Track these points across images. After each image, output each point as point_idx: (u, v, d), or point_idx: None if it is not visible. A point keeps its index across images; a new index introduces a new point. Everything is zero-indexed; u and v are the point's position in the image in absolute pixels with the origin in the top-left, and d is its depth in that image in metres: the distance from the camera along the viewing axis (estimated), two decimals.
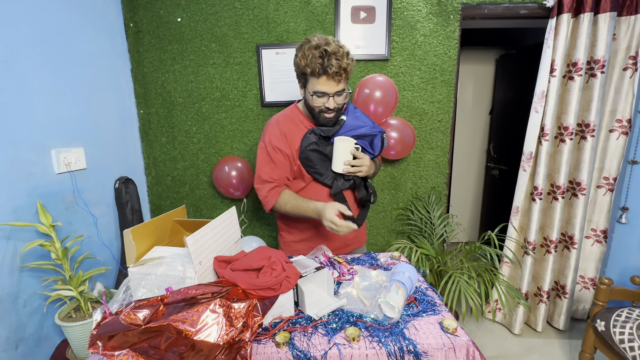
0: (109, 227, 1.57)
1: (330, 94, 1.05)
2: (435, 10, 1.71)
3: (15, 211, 1.09)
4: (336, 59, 1.00)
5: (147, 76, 1.77)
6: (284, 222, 1.33)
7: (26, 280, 1.13)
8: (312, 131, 1.14)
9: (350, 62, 1.05)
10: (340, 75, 1.03)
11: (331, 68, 1.00)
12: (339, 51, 1.02)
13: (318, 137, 1.14)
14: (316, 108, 1.10)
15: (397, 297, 0.79)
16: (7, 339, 1.07)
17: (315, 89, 1.05)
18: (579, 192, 1.78)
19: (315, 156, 1.14)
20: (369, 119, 1.21)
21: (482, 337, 1.94)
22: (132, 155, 1.78)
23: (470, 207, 3.40)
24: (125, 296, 0.81)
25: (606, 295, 1.50)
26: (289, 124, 1.17)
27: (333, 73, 1.01)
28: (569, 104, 1.70)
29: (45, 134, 1.21)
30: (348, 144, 1.11)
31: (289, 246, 1.31)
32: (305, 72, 1.06)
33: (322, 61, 1.00)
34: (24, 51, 1.14)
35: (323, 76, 1.02)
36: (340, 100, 1.10)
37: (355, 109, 1.22)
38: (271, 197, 1.17)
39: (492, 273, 1.54)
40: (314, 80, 1.05)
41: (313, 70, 1.02)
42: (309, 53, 1.02)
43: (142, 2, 1.69)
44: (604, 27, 1.60)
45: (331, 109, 1.09)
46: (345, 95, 1.10)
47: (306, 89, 1.10)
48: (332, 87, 1.04)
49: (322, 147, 1.14)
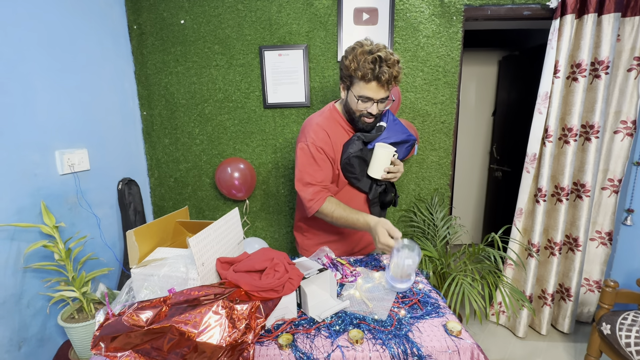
0: (111, 228, 1.57)
1: (375, 100, 1.05)
2: (437, 11, 1.71)
3: (19, 212, 1.09)
4: (387, 66, 0.99)
5: (150, 78, 1.78)
6: (302, 225, 1.30)
7: (29, 281, 1.13)
8: (357, 137, 1.12)
9: (399, 70, 1.04)
10: (390, 83, 1.03)
11: (384, 75, 0.99)
12: (391, 59, 1.01)
13: (362, 142, 1.13)
14: (357, 112, 1.09)
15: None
16: (10, 340, 1.07)
17: (362, 94, 1.04)
18: (583, 194, 1.77)
19: (357, 162, 1.13)
20: (405, 127, 1.21)
21: (486, 340, 1.93)
22: (135, 157, 1.79)
23: (474, 208, 3.38)
24: (128, 297, 0.81)
25: (612, 298, 1.48)
26: (334, 126, 1.15)
27: (385, 81, 1.00)
28: (573, 105, 1.69)
29: (49, 135, 1.22)
30: (389, 151, 1.11)
31: (308, 251, 1.30)
32: (353, 76, 1.04)
33: (374, 67, 0.99)
34: (29, 53, 1.15)
35: (373, 82, 1.01)
36: (383, 107, 1.09)
37: (395, 118, 1.21)
38: (316, 201, 1.10)
39: (496, 275, 1.52)
40: (363, 84, 1.03)
41: (364, 75, 1.00)
42: (361, 57, 1.00)
43: (146, 4, 1.70)
44: (608, 28, 1.59)
45: (373, 115, 1.08)
46: (387, 103, 1.10)
47: (350, 92, 1.07)
48: (379, 93, 1.04)
49: (364, 154, 1.14)
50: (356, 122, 1.11)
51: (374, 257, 1.17)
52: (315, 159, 1.10)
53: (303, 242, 1.31)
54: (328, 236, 1.26)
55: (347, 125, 1.16)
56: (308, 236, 1.30)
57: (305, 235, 1.31)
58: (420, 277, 1.02)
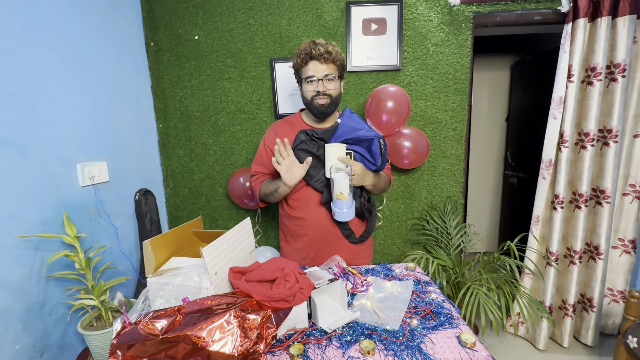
0: (129, 237, 1.62)
1: (318, 77, 1.13)
2: (446, 19, 1.71)
3: (43, 223, 1.14)
4: (322, 46, 1.12)
5: (166, 92, 1.84)
6: (282, 232, 1.36)
7: (52, 289, 1.18)
8: (303, 131, 1.18)
9: (336, 49, 1.14)
10: (323, 57, 1.11)
11: (317, 50, 1.11)
12: (326, 42, 1.14)
13: (310, 137, 1.17)
14: (308, 95, 1.17)
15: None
16: (33, 346, 1.11)
17: (306, 75, 1.16)
18: (603, 200, 1.71)
19: (305, 156, 1.15)
20: (365, 123, 1.19)
21: (504, 353, 1.87)
22: (151, 168, 1.84)
23: (488, 216, 3.31)
24: (144, 306, 0.83)
25: (637, 309, 1.42)
26: (285, 126, 1.27)
27: (317, 54, 1.11)
28: (588, 109, 1.65)
29: (71, 149, 1.28)
30: (335, 149, 1.11)
31: (286, 257, 1.32)
32: (298, 68, 1.16)
33: (309, 48, 1.12)
34: (54, 72, 1.22)
35: (310, 61, 1.13)
36: (331, 86, 1.15)
37: (352, 113, 1.21)
38: (255, 187, 1.30)
39: (513, 285, 1.48)
40: (304, 68, 1.16)
41: (302, 60, 1.14)
42: (300, 49, 1.15)
43: (162, 22, 1.77)
44: (623, 30, 1.56)
45: (321, 92, 1.14)
46: (335, 83, 1.17)
47: (301, 85, 1.20)
48: (319, 69, 1.13)
49: (312, 148, 1.17)
50: (313, 109, 1.18)
51: (385, 266, 1.16)
52: (261, 155, 1.29)
53: (285, 247, 1.35)
54: (296, 242, 1.29)
55: (306, 126, 1.24)
56: (281, 245, 1.37)
57: (280, 245, 1.37)
58: (433, 287, 1.00)
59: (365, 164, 1.20)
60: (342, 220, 1.14)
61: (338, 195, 1.09)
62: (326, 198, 1.19)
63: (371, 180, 1.20)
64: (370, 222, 1.29)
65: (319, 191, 1.20)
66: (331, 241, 1.24)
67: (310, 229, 1.24)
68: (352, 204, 1.13)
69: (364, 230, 1.28)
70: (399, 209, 1.91)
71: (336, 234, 1.24)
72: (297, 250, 1.29)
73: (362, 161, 1.20)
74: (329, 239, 1.24)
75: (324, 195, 1.20)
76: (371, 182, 1.20)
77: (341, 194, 1.07)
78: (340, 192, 1.06)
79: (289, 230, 1.30)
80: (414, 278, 1.04)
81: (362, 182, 1.17)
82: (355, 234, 1.26)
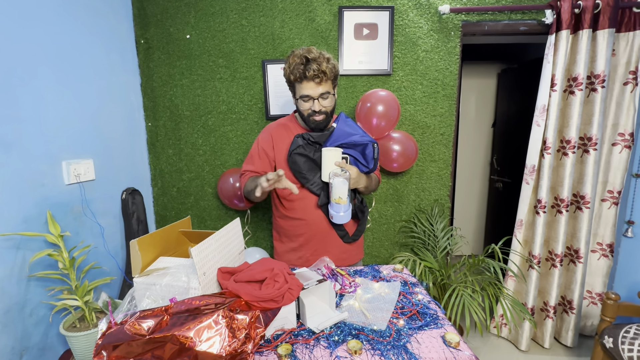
0: (114, 237, 1.59)
1: (314, 96, 1.13)
2: (436, 27, 1.75)
3: (26, 221, 1.12)
4: (317, 63, 1.09)
5: (156, 90, 1.82)
6: (276, 232, 1.36)
7: (33, 289, 1.14)
8: (300, 135, 1.19)
9: (330, 66, 1.12)
10: (319, 77, 1.10)
11: (311, 71, 1.08)
12: (319, 57, 1.10)
13: (306, 141, 1.18)
14: (305, 112, 1.17)
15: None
16: (12, 348, 1.08)
17: (301, 93, 1.14)
18: (583, 206, 1.78)
19: (302, 160, 1.18)
20: (360, 128, 1.22)
21: (488, 353, 1.91)
22: (139, 167, 1.82)
23: (474, 219, 3.38)
24: (130, 306, 0.82)
25: (613, 310, 1.48)
26: (280, 130, 1.26)
27: (312, 76, 1.09)
28: (570, 117, 1.71)
29: (56, 146, 1.25)
30: (333, 154, 1.14)
31: (280, 257, 1.33)
32: (292, 81, 1.15)
33: (303, 67, 1.09)
34: (41, 68, 1.19)
35: (304, 80, 1.11)
36: (326, 103, 1.15)
37: (347, 118, 1.24)
38: (241, 184, 1.28)
39: (497, 287, 1.52)
40: (299, 85, 1.14)
41: (296, 77, 1.11)
42: (292, 62, 1.12)
43: (154, 20, 1.76)
44: (602, 43, 1.63)
45: (317, 111, 1.15)
46: (331, 99, 1.17)
47: (295, 96, 1.18)
48: (314, 89, 1.12)
49: (310, 152, 1.18)
50: (308, 123, 1.19)
51: (374, 267, 1.17)
52: (253, 155, 1.28)
53: (279, 246, 1.35)
54: (291, 243, 1.30)
55: (302, 130, 1.24)
56: (275, 245, 1.36)
57: (274, 244, 1.37)
58: (420, 288, 1.02)
59: (358, 166, 1.22)
60: (339, 222, 1.17)
61: (337, 200, 1.11)
62: (323, 201, 1.21)
63: (364, 183, 1.23)
64: (362, 221, 1.31)
65: (315, 194, 1.22)
66: (327, 241, 1.27)
67: (307, 229, 1.25)
68: (350, 207, 1.15)
69: (355, 229, 1.31)
70: (388, 211, 1.93)
71: (332, 235, 1.27)
72: (292, 249, 1.30)
73: (355, 164, 1.23)
74: (325, 239, 1.27)
75: (320, 198, 1.21)
76: (364, 184, 1.23)
77: (340, 198, 1.08)
78: (339, 197, 1.08)
79: (284, 230, 1.31)
80: (401, 279, 1.06)
81: (357, 185, 1.20)
82: (349, 233, 1.29)
